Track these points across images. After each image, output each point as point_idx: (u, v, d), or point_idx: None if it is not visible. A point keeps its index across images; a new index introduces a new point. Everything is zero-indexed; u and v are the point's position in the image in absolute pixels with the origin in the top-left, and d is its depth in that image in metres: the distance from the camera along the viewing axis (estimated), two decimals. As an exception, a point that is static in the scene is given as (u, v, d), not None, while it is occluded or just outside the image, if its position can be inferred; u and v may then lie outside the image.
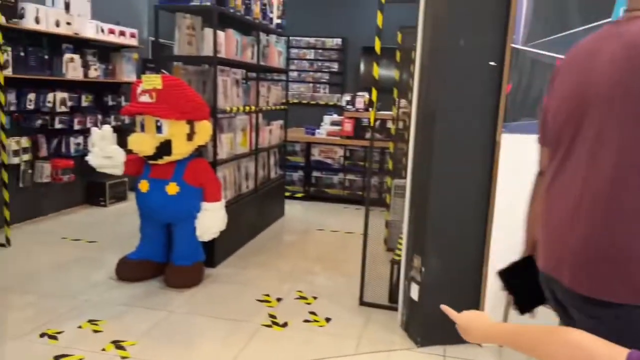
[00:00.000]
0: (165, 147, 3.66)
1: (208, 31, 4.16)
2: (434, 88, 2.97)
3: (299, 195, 7.05)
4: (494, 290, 3.04)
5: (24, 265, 4.14)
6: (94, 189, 6.16)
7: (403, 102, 5.01)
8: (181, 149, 3.73)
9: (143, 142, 3.61)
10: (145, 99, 3.63)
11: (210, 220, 3.84)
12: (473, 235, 3.04)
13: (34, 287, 3.72)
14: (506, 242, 3.00)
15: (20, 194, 5.15)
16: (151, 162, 3.75)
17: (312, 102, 9.18)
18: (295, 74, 9.23)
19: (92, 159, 3.75)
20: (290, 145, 6.93)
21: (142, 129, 3.71)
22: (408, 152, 5.04)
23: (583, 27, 2.85)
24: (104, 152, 3.71)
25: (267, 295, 3.77)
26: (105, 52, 6.24)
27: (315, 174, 7.07)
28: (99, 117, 6.06)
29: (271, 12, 5.57)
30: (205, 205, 3.84)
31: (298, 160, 7.10)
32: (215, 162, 4.22)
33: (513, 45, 2.85)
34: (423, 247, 3.04)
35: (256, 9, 5.07)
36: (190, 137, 3.75)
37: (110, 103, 6.26)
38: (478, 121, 2.95)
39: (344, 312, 3.55)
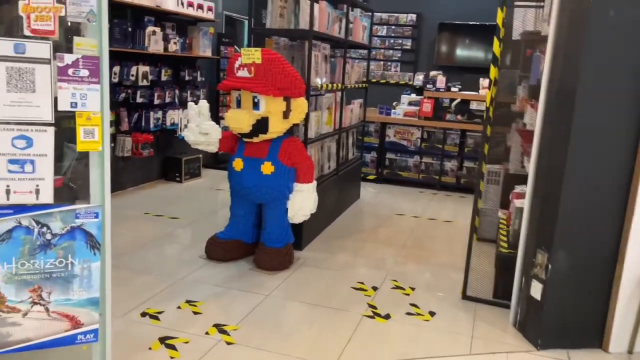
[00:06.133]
0: (262, 125, 3.51)
1: (305, 3, 3.95)
2: (573, 68, 2.65)
3: (371, 177, 6.83)
4: (626, 293, 2.76)
5: (112, 240, 4.10)
6: (170, 164, 6.14)
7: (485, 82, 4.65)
8: (277, 127, 3.57)
9: (241, 119, 3.45)
10: (243, 73, 3.47)
11: (303, 202, 3.69)
12: (608, 231, 2.75)
13: (126, 263, 3.68)
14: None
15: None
16: (246, 139, 3.61)
17: (382, 81, 8.87)
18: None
19: (189, 135, 3.64)
20: (365, 126, 6.69)
21: (238, 105, 3.57)
22: (506, 138, 4.72)
23: None
24: (200, 128, 3.59)
25: (362, 283, 3.59)
26: (183, 25, 6.15)
27: (389, 155, 6.83)
28: (176, 92, 6.00)
29: (357, -16, 5.30)
30: (298, 186, 3.69)
31: (372, 141, 6.86)
32: (306, 141, 4.05)
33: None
34: (550, 242, 2.77)
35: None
36: (286, 114, 3.58)
37: (187, 78, 6.19)
38: (624, 107, 2.63)
39: (447, 306, 3.33)
